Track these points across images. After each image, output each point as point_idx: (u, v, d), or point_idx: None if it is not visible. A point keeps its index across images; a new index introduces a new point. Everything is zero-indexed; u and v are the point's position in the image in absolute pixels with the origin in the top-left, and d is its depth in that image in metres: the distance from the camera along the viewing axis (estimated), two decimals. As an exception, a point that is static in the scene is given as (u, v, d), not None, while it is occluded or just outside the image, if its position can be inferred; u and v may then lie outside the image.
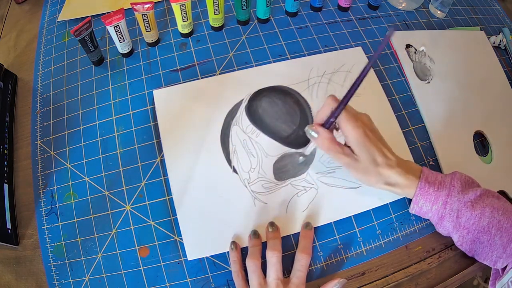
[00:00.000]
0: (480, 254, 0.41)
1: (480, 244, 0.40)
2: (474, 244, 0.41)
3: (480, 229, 0.40)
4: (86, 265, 0.44)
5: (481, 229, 0.39)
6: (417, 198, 0.41)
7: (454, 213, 0.40)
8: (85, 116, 0.52)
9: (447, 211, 0.41)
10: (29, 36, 0.63)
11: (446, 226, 0.41)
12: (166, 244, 0.44)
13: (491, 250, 0.40)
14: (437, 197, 0.41)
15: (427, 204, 0.41)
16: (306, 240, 0.43)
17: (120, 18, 0.51)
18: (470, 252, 0.42)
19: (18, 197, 0.49)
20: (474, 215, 0.40)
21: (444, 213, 0.41)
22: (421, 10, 0.64)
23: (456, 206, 0.40)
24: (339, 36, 0.58)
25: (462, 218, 0.40)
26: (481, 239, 0.40)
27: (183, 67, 0.55)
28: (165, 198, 0.46)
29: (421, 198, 0.41)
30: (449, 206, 0.40)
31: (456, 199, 0.40)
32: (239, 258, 0.42)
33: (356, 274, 0.44)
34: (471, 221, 0.40)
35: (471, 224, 0.40)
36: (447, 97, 0.54)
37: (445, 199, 0.41)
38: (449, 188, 0.41)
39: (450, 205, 0.40)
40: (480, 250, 0.41)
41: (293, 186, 0.46)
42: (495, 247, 0.39)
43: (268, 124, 0.49)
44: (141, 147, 0.49)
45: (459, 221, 0.40)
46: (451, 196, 0.40)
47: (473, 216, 0.40)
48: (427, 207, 0.41)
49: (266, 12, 0.57)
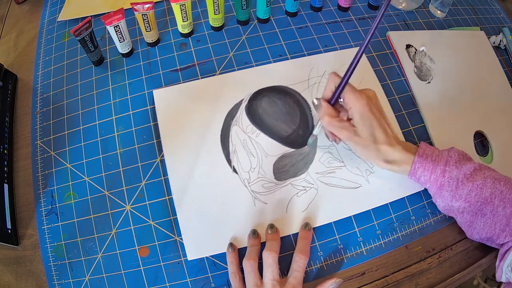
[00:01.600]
0: (483, 227, 0.41)
1: (483, 216, 0.40)
2: (476, 216, 0.41)
3: (482, 200, 0.39)
4: (86, 265, 0.44)
5: (484, 200, 0.39)
6: (415, 167, 0.41)
7: (453, 181, 0.40)
8: (85, 116, 0.52)
9: (446, 179, 0.41)
10: (29, 36, 0.63)
11: (445, 195, 0.41)
12: (166, 244, 0.44)
13: (494, 222, 0.40)
14: (435, 166, 0.41)
15: (425, 173, 0.41)
16: (305, 241, 0.43)
17: (120, 18, 0.51)
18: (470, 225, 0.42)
19: (18, 197, 0.49)
20: (476, 185, 0.40)
21: (443, 182, 0.41)
22: (421, 10, 0.64)
23: (455, 174, 0.40)
24: (339, 36, 0.58)
25: (463, 190, 0.40)
26: (484, 211, 0.40)
27: (183, 67, 0.55)
28: (165, 198, 0.46)
29: (419, 167, 0.41)
30: (448, 174, 0.40)
31: (454, 167, 0.40)
32: (236, 259, 0.42)
33: (356, 274, 0.44)
34: (472, 193, 0.40)
35: (473, 196, 0.40)
36: (447, 97, 0.54)
37: (443, 168, 0.41)
38: (446, 159, 0.41)
39: (449, 173, 0.40)
40: (482, 223, 0.40)
41: (293, 186, 0.46)
42: (498, 219, 0.39)
43: (268, 124, 0.49)
44: (141, 147, 0.49)
45: (459, 192, 0.40)
46: (449, 165, 0.41)
47: (474, 187, 0.40)
48: (426, 177, 0.41)
49: (266, 12, 0.57)
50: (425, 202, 0.47)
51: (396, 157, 0.41)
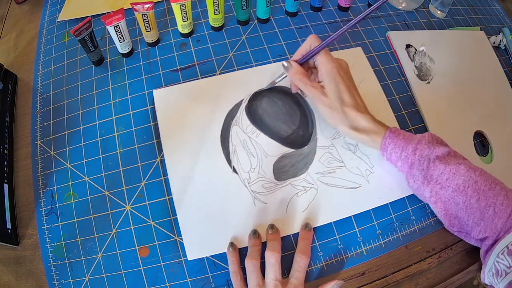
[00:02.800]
0: (455, 218, 0.40)
1: (456, 205, 0.39)
2: (448, 203, 0.40)
3: (455, 186, 0.39)
4: (86, 265, 0.44)
5: (456, 187, 0.38)
6: (386, 143, 0.41)
7: (424, 160, 0.40)
8: (85, 116, 0.52)
9: (416, 157, 0.40)
10: (29, 36, 0.63)
11: (416, 175, 0.41)
12: (166, 244, 0.44)
13: (467, 213, 0.39)
14: (406, 144, 0.40)
15: (396, 150, 0.41)
16: (305, 241, 0.43)
17: (120, 18, 0.51)
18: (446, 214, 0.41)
19: (18, 197, 0.49)
20: (448, 169, 0.39)
21: (414, 160, 0.40)
22: (421, 10, 0.64)
23: (427, 153, 0.40)
24: (339, 36, 0.58)
25: (434, 171, 0.39)
26: (456, 199, 0.39)
27: (183, 67, 0.55)
28: (165, 198, 0.46)
29: (390, 143, 0.41)
30: (419, 153, 0.40)
31: (426, 147, 0.40)
32: (237, 259, 0.42)
33: (356, 274, 0.44)
34: (444, 176, 0.39)
35: (444, 179, 0.39)
36: (447, 97, 0.54)
37: (414, 146, 0.40)
38: (419, 138, 0.41)
39: (420, 151, 0.40)
40: (456, 212, 0.40)
41: (293, 186, 0.46)
42: (472, 211, 0.38)
43: (268, 124, 0.49)
44: (141, 147, 0.49)
45: (430, 173, 0.40)
46: (421, 144, 0.40)
47: (447, 171, 0.39)
48: (397, 154, 0.41)
49: (266, 12, 0.57)
50: (425, 202, 0.47)
51: (365, 125, 0.41)
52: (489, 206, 0.38)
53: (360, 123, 0.42)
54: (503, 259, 0.36)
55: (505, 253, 0.36)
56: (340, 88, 0.41)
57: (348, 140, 0.49)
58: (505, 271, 0.36)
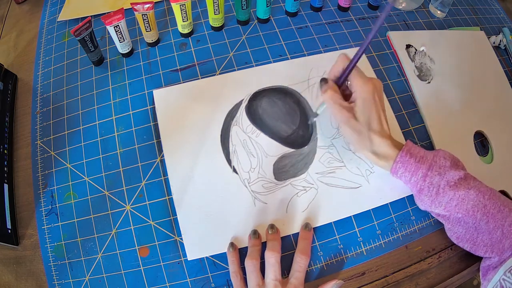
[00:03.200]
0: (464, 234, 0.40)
1: (465, 224, 0.39)
2: (457, 226, 0.40)
3: (464, 212, 0.39)
4: (86, 265, 0.44)
5: (466, 212, 0.39)
6: (397, 166, 0.41)
7: (433, 188, 0.39)
8: (85, 116, 0.52)
9: (426, 184, 0.40)
10: (29, 36, 0.63)
11: (424, 200, 0.41)
12: (166, 244, 0.44)
13: (476, 232, 0.39)
14: (417, 169, 0.40)
15: (406, 174, 0.41)
16: (305, 241, 0.43)
17: (120, 18, 0.51)
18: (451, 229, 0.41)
19: (18, 197, 0.49)
20: (457, 195, 0.39)
21: (423, 186, 0.40)
22: (421, 10, 0.64)
23: (437, 180, 0.39)
24: (339, 36, 0.58)
25: (443, 198, 0.39)
26: (466, 220, 0.39)
27: (183, 67, 0.55)
28: (165, 198, 0.46)
29: (400, 167, 0.41)
30: (429, 180, 0.40)
31: (437, 173, 0.39)
32: (237, 259, 0.42)
33: (356, 274, 0.44)
34: (453, 202, 0.39)
35: (453, 206, 0.39)
36: (447, 97, 0.54)
37: (425, 172, 0.40)
38: (430, 163, 0.40)
39: (430, 178, 0.39)
40: (464, 231, 0.40)
41: (293, 186, 0.46)
42: (481, 231, 0.39)
43: (268, 124, 0.49)
44: (141, 147, 0.49)
45: (438, 199, 0.39)
46: (432, 170, 0.40)
47: (456, 197, 0.39)
48: (406, 178, 0.41)
49: (266, 12, 0.57)
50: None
51: (383, 151, 0.41)
52: (498, 228, 0.38)
53: (381, 148, 0.41)
54: (510, 277, 0.36)
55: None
56: (372, 113, 0.40)
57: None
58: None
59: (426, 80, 0.55)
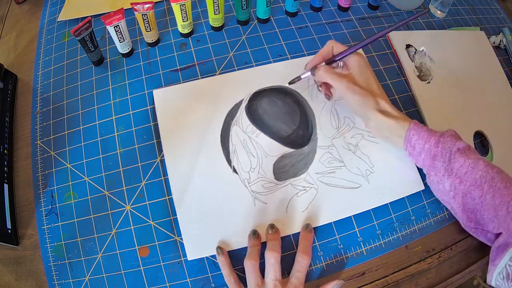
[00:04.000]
0: (472, 212, 0.40)
1: (472, 200, 0.40)
2: (466, 198, 0.40)
3: (472, 181, 0.39)
4: (86, 265, 0.44)
5: (474, 181, 0.39)
6: (410, 134, 0.42)
7: (446, 152, 0.40)
8: (85, 116, 0.52)
9: (439, 149, 0.40)
10: (29, 36, 0.63)
11: (438, 167, 0.41)
12: (166, 244, 0.44)
13: (482, 208, 0.39)
14: (429, 136, 0.41)
15: (420, 141, 0.41)
16: (306, 241, 0.43)
17: (120, 18, 0.51)
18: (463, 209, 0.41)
19: (18, 197, 0.49)
20: (468, 163, 0.39)
21: (436, 152, 0.41)
22: (421, 10, 0.64)
23: (449, 146, 0.40)
24: (339, 36, 0.58)
25: (455, 164, 0.40)
26: (473, 194, 0.39)
27: (183, 67, 0.55)
28: (165, 198, 0.46)
29: (414, 134, 0.41)
30: (442, 145, 0.40)
31: (449, 139, 0.41)
32: (227, 262, 0.42)
33: (356, 274, 0.44)
34: (463, 169, 0.39)
35: (463, 173, 0.39)
36: (447, 97, 0.54)
37: (437, 139, 0.41)
38: (442, 132, 0.42)
39: (443, 143, 0.40)
40: (472, 207, 0.40)
41: (293, 186, 0.46)
42: (486, 207, 0.39)
43: (268, 124, 0.49)
44: (141, 147, 0.49)
45: (451, 166, 0.40)
46: (444, 137, 0.41)
47: (466, 164, 0.39)
48: (420, 145, 0.41)
49: (266, 12, 0.57)
50: (425, 202, 0.47)
51: (393, 112, 0.43)
52: (503, 204, 0.38)
53: (391, 111, 0.43)
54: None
55: None
56: (370, 79, 0.44)
57: (348, 140, 0.49)
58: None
59: (426, 80, 0.55)
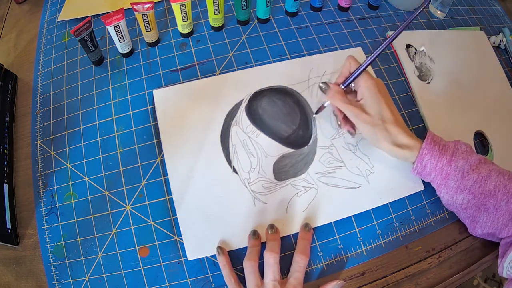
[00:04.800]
0: (485, 221, 0.41)
1: (486, 211, 0.40)
2: (479, 211, 0.41)
3: (486, 193, 0.40)
4: (86, 265, 0.44)
5: (487, 193, 0.40)
6: (423, 154, 0.41)
7: (459, 171, 0.40)
8: (85, 116, 0.52)
9: (452, 168, 0.40)
10: (29, 36, 0.63)
11: (450, 185, 0.41)
12: (166, 244, 0.44)
13: (497, 216, 0.40)
14: (442, 155, 0.41)
15: (432, 161, 0.41)
16: (305, 241, 0.43)
17: (120, 18, 0.51)
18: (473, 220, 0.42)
19: (18, 197, 0.49)
20: (481, 177, 0.40)
21: (449, 171, 0.41)
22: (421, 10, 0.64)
23: (461, 164, 0.40)
24: (339, 36, 0.58)
25: (468, 181, 0.40)
26: (487, 205, 0.40)
27: (183, 67, 0.55)
28: (165, 198, 0.46)
29: (426, 154, 0.41)
30: (454, 164, 0.40)
31: (461, 158, 0.41)
32: (228, 262, 0.42)
33: (356, 274, 0.44)
34: (477, 184, 0.40)
35: (477, 187, 0.40)
36: (447, 97, 0.54)
37: (450, 158, 0.41)
38: (453, 150, 0.41)
39: (455, 162, 0.40)
40: (485, 218, 0.41)
41: (293, 186, 0.46)
42: (501, 213, 0.40)
43: (268, 124, 0.49)
44: (141, 147, 0.49)
45: (464, 183, 0.40)
46: (456, 155, 0.41)
47: (479, 179, 0.40)
48: (432, 165, 0.41)
49: (266, 12, 0.57)
50: (425, 202, 0.47)
51: (406, 141, 0.42)
52: None
53: (401, 139, 0.42)
54: None
55: None
56: (381, 105, 0.42)
57: (348, 140, 0.49)
58: None
59: (426, 80, 0.55)
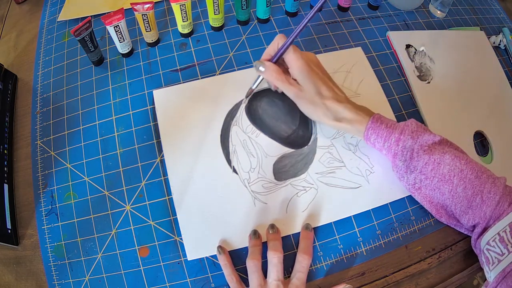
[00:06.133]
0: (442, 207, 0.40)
1: (442, 195, 0.39)
2: (434, 193, 0.40)
3: (440, 176, 0.38)
4: (86, 265, 0.44)
5: (441, 177, 0.38)
6: (369, 133, 0.41)
7: (407, 151, 0.39)
8: (85, 116, 0.52)
9: (399, 148, 0.40)
10: (29, 36, 0.63)
11: (399, 165, 0.40)
12: (166, 244, 0.44)
13: (453, 202, 0.39)
14: (389, 134, 0.40)
15: (378, 140, 0.41)
16: (307, 241, 0.43)
17: (120, 18, 0.51)
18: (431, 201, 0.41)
19: (18, 197, 0.49)
20: (432, 159, 0.38)
21: (397, 151, 0.40)
22: (421, 10, 0.64)
23: (410, 144, 0.39)
24: (339, 36, 0.58)
25: (418, 162, 0.39)
26: (442, 189, 0.39)
27: (183, 67, 0.55)
28: (165, 198, 0.46)
29: (372, 133, 0.41)
30: (402, 144, 0.40)
31: (409, 137, 0.39)
32: (229, 261, 0.42)
33: (356, 274, 0.44)
34: (429, 166, 0.39)
35: (429, 170, 0.39)
36: (447, 97, 0.54)
37: (398, 137, 0.40)
38: (403, 127, 0.40)
39: (403, 142, 0.40)
40: (442, 202, 0.40)
41: (293, 186, 0.46)
42: (459, 200, 0.38)
43: (268, 124, 0.49)
44: (141, 147, 0.49)
45: (413, 164, 0.39)
46: (405, 134, 0.40)
47: (431, 161, 0.38)
48: (379, 144, 0.41)
49: (266, 12, 0.57)
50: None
51: (347, 115, 0.41)
52: (476, 194, 0.38)
53: (343, 114, 0.42)
54: (494, 246, 0.36)
55: (496, 240, 0.36)
56: (316, 83, 0.41)
57: (348, 140, 0.49)
58: (497, 259, 0.35)
59: (426, 80, 0.55)
